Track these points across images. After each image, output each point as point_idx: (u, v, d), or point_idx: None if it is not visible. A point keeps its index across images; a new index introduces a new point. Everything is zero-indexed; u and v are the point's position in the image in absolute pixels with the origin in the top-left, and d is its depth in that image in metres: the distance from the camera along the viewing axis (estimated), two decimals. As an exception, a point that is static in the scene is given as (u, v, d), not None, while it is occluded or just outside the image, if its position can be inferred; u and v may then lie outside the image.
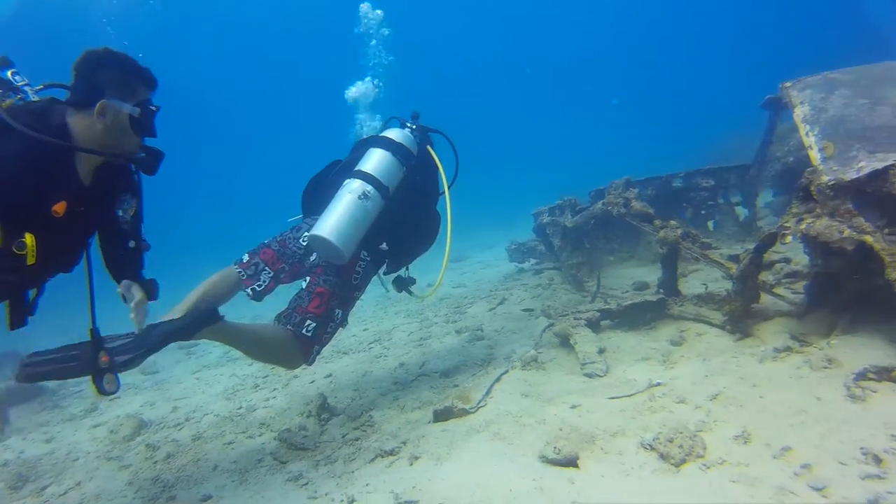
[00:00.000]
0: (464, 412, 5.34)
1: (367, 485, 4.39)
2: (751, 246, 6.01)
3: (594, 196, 10.40)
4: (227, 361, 10.00)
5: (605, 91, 70.34)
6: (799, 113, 5.54)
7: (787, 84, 5.89)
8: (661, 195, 10.56)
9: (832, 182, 4.92)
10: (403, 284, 6.46)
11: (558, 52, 73.41)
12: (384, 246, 5.87)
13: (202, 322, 4.60)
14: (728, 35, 66.12)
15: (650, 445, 4.09)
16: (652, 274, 8.72)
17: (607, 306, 7.18)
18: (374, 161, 5.70)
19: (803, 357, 5.05)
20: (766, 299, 6.37)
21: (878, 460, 3.40)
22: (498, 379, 6.07)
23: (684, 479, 3.70)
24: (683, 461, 3.86)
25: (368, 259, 5.85)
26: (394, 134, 5.96)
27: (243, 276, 5.82)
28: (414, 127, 6.30)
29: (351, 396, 6.60)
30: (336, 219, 5.32)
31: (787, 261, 7.55)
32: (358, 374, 7.48)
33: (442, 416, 5.33)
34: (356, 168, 5.70)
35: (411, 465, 4.61)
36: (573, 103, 74.03)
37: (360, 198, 5.41)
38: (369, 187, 5.50)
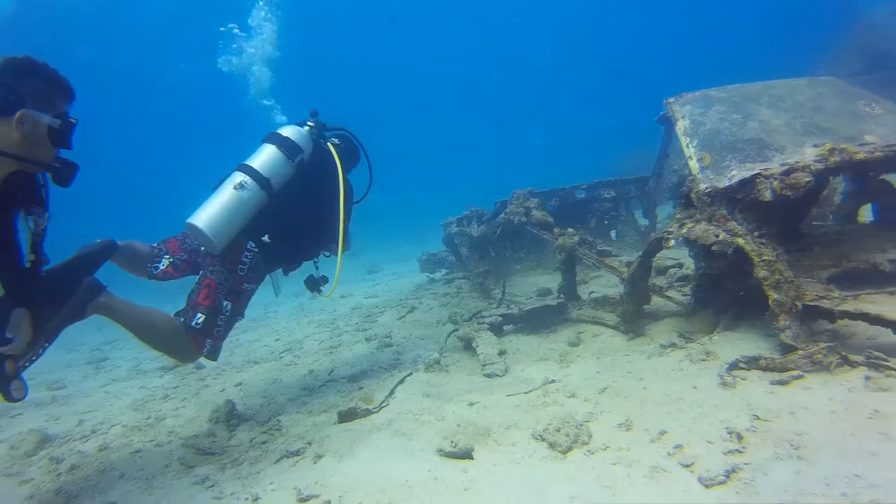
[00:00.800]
0: (367, 412, 5.53)
1: (271, 483, 4.51)
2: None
3: (499, 207, 10.76)
4: (136, 374, 9.89)
5: (515, 108, 71.73)
6: (680, 126, 5.97)
7: (671, 100, 6.32)
8: (565, 206, 10.99)
9: (708, 189, 5.35)
10: (314, 284, 6.53)
11: (472, 70, 74.44)
12: (266, 238, 5.85)
13: (87, 295, 4.68)
14: (631, 54, 68.28)
15: (540, 436, 4.36)
16: (556, 281, 9.05)
17: (510, 311, 7.49)
18: (259, 155, 5.81)
19: (685, 352, 5.45)
20: (657, 301, 6.80)
21: (739, 437, 3.77)
22: (401, 381, 6.28)
23: (569, 465, 3.99)
24: (570, 448, 4.15)
25: (256, 250, 5.81)
26: (286, 130, 6.07)
27: (148, 255, 5.99)
28: (312, 125, 6.36)
29: (260, 403, 6.68)
30: (210, 208, 5.42)
31: (679, 266, 8.00)
32: (268, 382, 7.56)
33: (346, 416, 5.50)
34: (244, 162, 5.83)
35: (315, 463, 4.76)
36: (485, 119, 74.93)
37: (235, 188, 5.50)
38: (247, 178, 5.58)
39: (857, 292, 5.01)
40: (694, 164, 5.60)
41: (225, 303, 5.64)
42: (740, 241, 5.12)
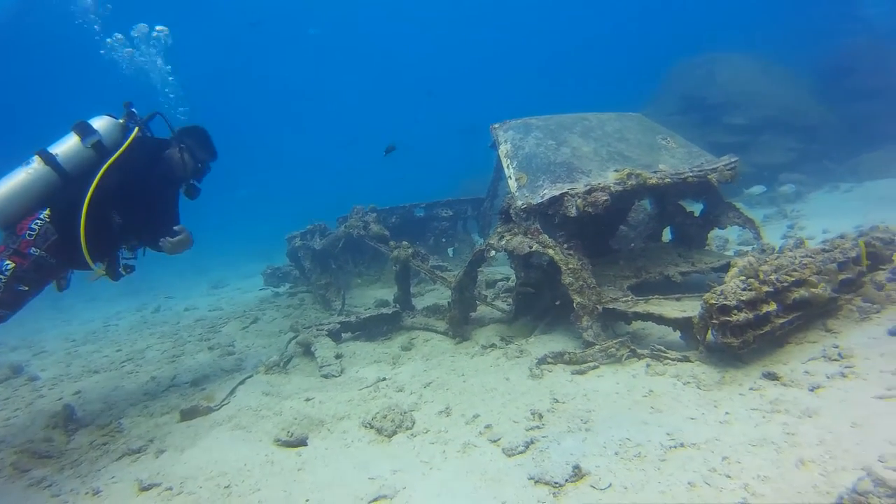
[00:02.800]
0: (209, 410, 5.79)
1: (112, 477, 4.68)
2: (483, 268, 7.03)
3: (340, 222, 11.15)
4: (-38, 391, 9.55)
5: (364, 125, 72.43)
6: (502, 150, 6.63)
7: (495, 126, 6.98)
8: (405, 223, 11.54)
9: (524, 206, 6.01)
10: (112, 270, 6.23)
11: (326, 87, 74.55)
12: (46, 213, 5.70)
13: None
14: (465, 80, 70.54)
15: (369, 424, 4.83)
16: (395, 294, 9.56)
17: (348, 319, 7.91)
18: (59, 140, 5.86)
19: (503, 351, 6.14)
20: (484, 310, 7.43)
21: (540, 416, 4.41)
22: (242, 382, 6.56)
23: (394, 446, 4.49)
24: (395, 433, 4.65)
25: (47, 221, 5.66)
26: (95, 120, 6.04)
27: None
28: (125, 116, 6.23)
29: (100, 408, 6.69)
30: None
31: (507, 279, 8.69)
32: (108, 389, 7.55)
33: (188, 414, 5.73)
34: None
35: (157, 458, 4.97)
36: (337, 136, 75.02)
37: (23, 166, 5.60)
38: (34, 158, 5.65)
39: (649, 297, 5.80)
40: (513, 184, 6.26)
41: (6, 262, 5.49)
42: (551, 251, 5.81)
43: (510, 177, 6.33)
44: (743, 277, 4.69)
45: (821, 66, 22.84)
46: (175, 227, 5.92)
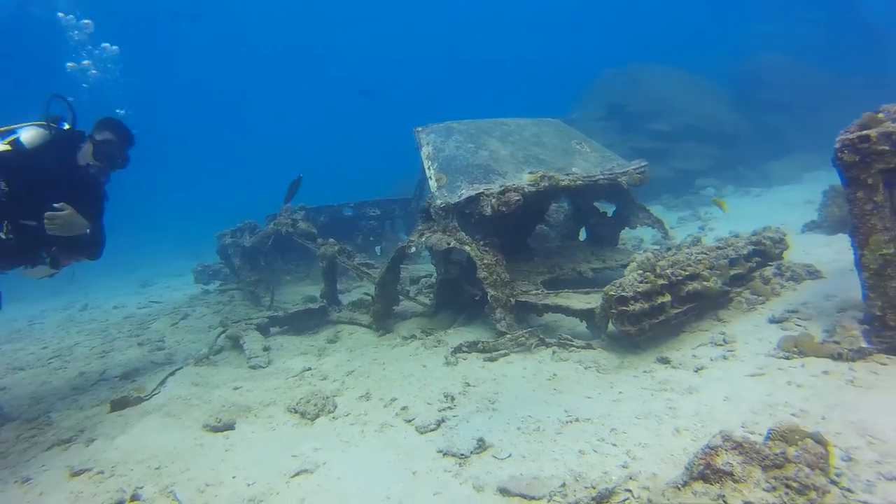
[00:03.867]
0: (139, 400, 5.97)
1: (42, 466, 4.80)
2: (409, 265, 7.35)
3: (270, 220, 11.32)
4: None
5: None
6: (424, 152, 6.98)
7: (419, 129, 7.33)
8: (333, 222, 11.81)
9: (443, 205, 6.37)
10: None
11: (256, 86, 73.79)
12: None
13: None
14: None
15: (294, 409, 5.12)
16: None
17: (276, 314, 8.15)
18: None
19: (422, 341, 6.50)
20: (407, 304, 7.78)
21: (452, 399, 4.79)
22: (172, 374, 6.74)
23: (316, 428, 4.79)
24: (317, 416, 4.96)
25: None
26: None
27: None
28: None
29: (27, 404, 6.69)
30: None
31: (430, 276, 9.04)
32: (35, 385, 7.54)
33: (118, 405, 5.88)
34: None
35: (87, 446, 5.10)
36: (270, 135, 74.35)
37: None
38: None
39: (559, 291, 6.22)
40: (433, 184, 6.62)
41: None
42: (467, 248, 6.19)
43: (431, 177, 6.69)
44: (640, 271, 5.13)
45: (737, 78, 24.01)
46: (56, 204, 5.66)
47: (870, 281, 4.13)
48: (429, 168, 6.76)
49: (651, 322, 5.04)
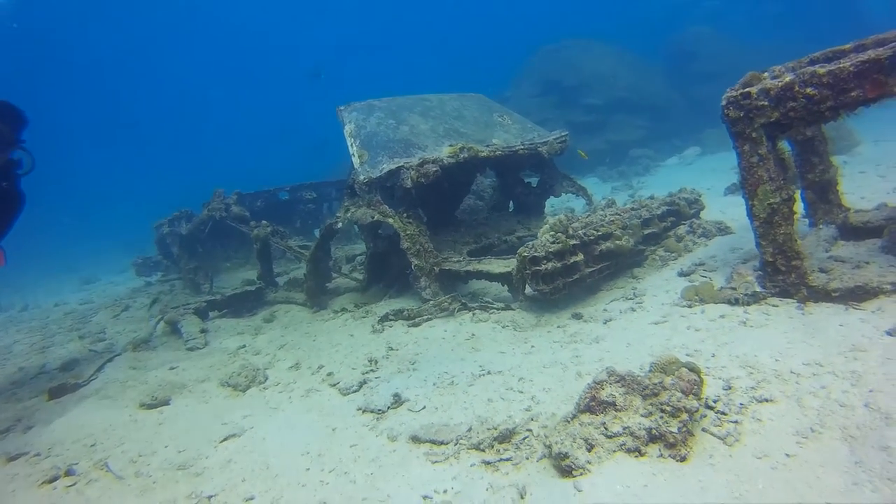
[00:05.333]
0: (77, 386, 6.07)
1: (-23, 454, 4.94)
2: (345, 245, 7.52)
3: (205, 207, 11.37)
4: None
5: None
6: (347, 129, 7.15)
7: (341, 108, 7.48)
8: (270, 207, 11.90)
9: (365, 180, 6.57)
10: None
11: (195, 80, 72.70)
12: None
13: None
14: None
15: (226, 383, 5.31)
16: (262, 275, 9.96)
17: (213, 298, 8.28)
18: None
19: (351, 314, 6.71)
20: (341, 281, 7.97)
21: (375, 362, 5.04)
22: (110, 359, 6.83)
23: (247, 398, 5.00)
24: (248, 387, 5.17)
25: None
26: None
27: None
28: None
29: None
30: None
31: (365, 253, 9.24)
32: (-29, 382, 7.62)
33: (56, 393, 5.96)
34: None
35: (24, 433, 5.17)
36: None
37: None
38: None
39: (482, 258, 6.46)
40: (356, 160, 6.80)
41: None
42: (391, 220, 6.40)
43: (353, 154, 6.86)
44: (553, 233, 5.39)
45: (669, 52, 24.52)
46: None
47: (760, 229, 4.42)
48: (351, 145, 6.93)
49: (565, 281, 5.30)
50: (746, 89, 4.29)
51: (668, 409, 2.95)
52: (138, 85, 71.41)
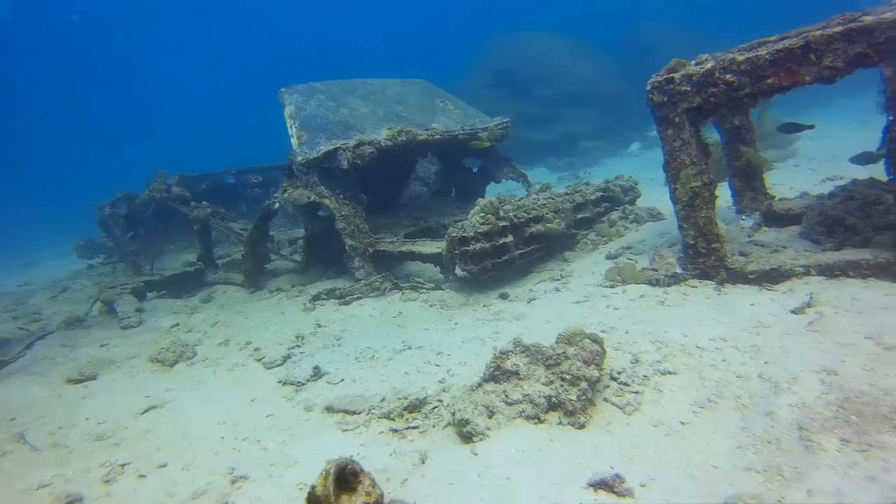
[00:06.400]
0: (3, 363, 6.02)
1: None
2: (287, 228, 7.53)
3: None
4: None
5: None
6: (287, 111, 7.16)
7: (282, 90, 7.47)
8: (215, 190, 11.81)
9: (303, 161, 6.59)
10: None
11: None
12: None
13: None
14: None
15: (155, 358, 5.31)
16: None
17: (152, 278, 8.23)
18: None
19: (285, 293, 6.75)
20: (281, 262, 7.99)
21: (302, 338, 5.13)
22: (41, 337, 6.77)
23: (174, 373, 5.04)
24: (176, 362, 5.20)
25: None
26: None
27: None
28: None
29: None
30: None
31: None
32: None
33: (-19, 371, 5.95)
34: None
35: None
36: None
37: None
38: None
39: (416, 240, 6.53)
40: (294, 142, 6.82)
41: None
42: (326, 200, 6.44)
43: (293, 136, 6.88)
44: (482, 214, 5.47)
45: (623, 45, 24.74)
46: None
47: (682, 212, 4.54)
48: (291, 126, 6.94)
49: (494, 262, 5.39)
50: (671, 75, 4.41)
51: (567, 377, 3.06)
52: (88, 60, 69.76)
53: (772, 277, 4.19)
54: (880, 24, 3.47)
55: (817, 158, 9.96)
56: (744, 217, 5.69)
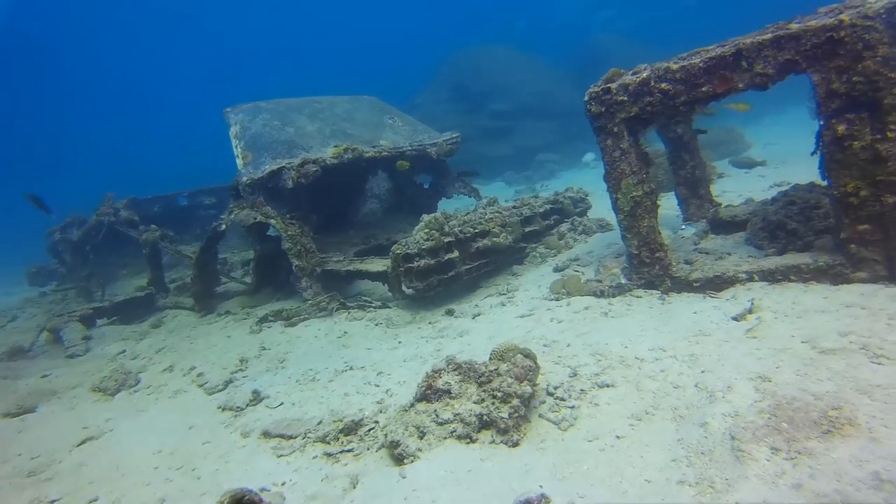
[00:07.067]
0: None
1: None
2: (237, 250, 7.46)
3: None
4: None
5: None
6: (232, 131, 7.10)
7: (227, 109, 7.42)
8: (168, 213, 11.66)
9: (248, 181, 6.53)
10: None
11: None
12: None
13: None
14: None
15: (97, 388, 5.20)
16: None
17: (101, 304, 8.09)
18: None
19: (233, 316, 6.68)
20: (232, 285, 7.89)
21: (245, 362, 5.07)
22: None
23: (115, 401, 4.96)
24: (118, 391, 5.10)
25: None
26: None
27: None
28: None
29: None
30: None
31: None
32: None
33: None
34: None
35: None
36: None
37: None
38: None
39: (364, 258, 6.48)
40: (240, 162, 6.76)
41: None
42: (273, 220, 6.38)
43: (238, 156, 6.82)
44: (427, 230, 5.44)
45: (577, 58, 25.01)
46: None
47: (625, 222, 4.54)
48: (236, 147, 6.89)
49: (440, 278, 5.37)
50: (608, 85, 4.42)
51: (499, 395, 3.03)
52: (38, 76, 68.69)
53: (716, 285, 4.20)
54: (805, 31, 3.50)
55: (768, 165, 10.09)
56: (683, 226, 5.73)
